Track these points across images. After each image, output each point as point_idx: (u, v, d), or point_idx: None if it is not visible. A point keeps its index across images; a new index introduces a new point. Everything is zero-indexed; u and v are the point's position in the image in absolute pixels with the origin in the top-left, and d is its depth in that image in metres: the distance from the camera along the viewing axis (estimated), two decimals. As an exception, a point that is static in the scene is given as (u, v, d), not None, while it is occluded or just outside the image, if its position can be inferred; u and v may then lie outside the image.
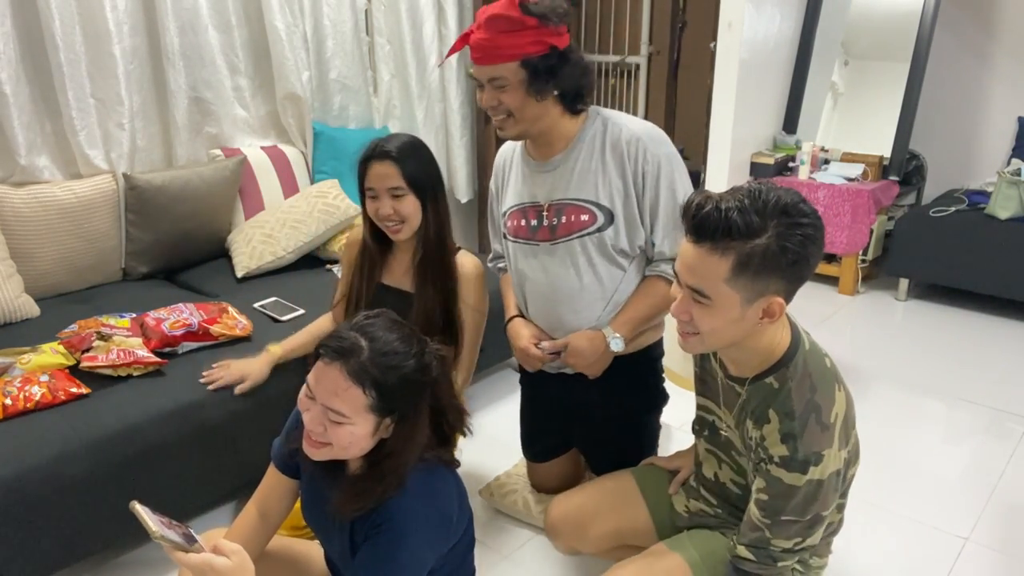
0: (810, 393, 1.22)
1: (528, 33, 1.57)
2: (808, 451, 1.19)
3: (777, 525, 1.24)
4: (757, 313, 1.18)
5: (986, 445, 2.53)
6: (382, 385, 1.20)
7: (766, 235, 1.11)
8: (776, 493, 1.22)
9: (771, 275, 1.14)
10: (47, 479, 1.65)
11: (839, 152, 4.00)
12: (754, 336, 1.23)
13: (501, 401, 2.76)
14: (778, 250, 1.12)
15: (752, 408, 1.28)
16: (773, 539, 1.25)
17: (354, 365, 1.19)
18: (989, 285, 3.49)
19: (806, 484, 1.20)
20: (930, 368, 3.07)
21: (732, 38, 3.56)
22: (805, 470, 1.19)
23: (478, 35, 1.59)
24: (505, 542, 2.06)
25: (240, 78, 3.05)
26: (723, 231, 1.11)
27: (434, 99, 3.66)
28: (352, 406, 1.20)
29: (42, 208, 2.42)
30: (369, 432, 1.23)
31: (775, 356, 1.26)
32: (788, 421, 1.21)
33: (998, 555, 2.00)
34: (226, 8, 2.94)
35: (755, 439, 1.28)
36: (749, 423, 1.30)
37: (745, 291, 1.15)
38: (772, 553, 1.27)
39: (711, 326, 1.19)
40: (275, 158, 3.09)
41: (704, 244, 1.14)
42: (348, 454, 1.26)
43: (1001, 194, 3.47)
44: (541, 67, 1.59)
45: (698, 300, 1.18)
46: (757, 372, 1.27)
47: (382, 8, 3.43)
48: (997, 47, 3.95)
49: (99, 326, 2.05)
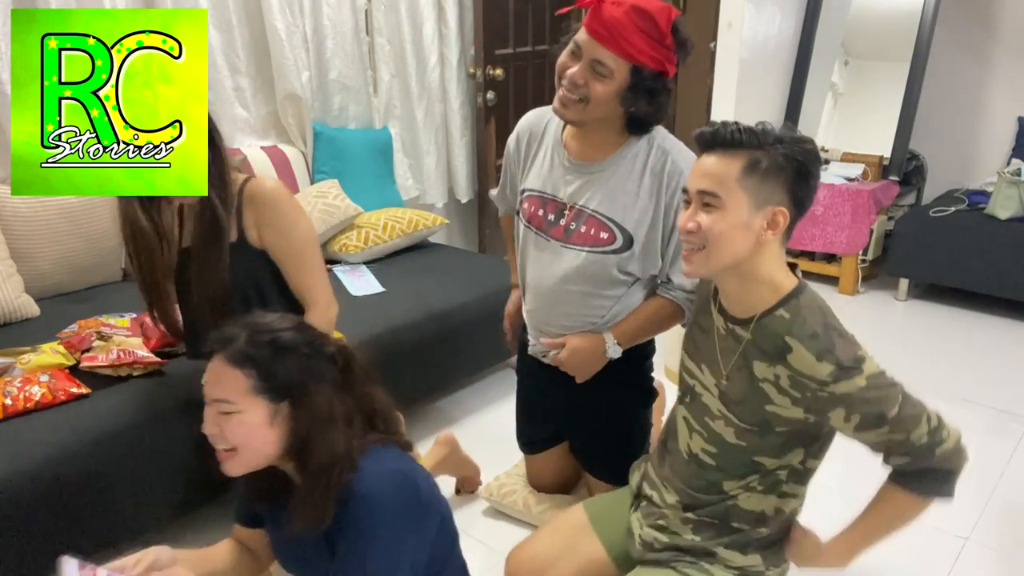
0: (823, 318, 1.25)
1: (660, 49, 1.51)
2: (848, 356, 1.20)
3: (898, 425, 1.21)
4: (762, 223, 1.23)
5: (986, 445, 2.53)
6: (260, 362, 1.19)
7: (773, 149, 1.23)
8: (862, 405, 1.21)
9: (777, 182, 1.23)
10: (47, 479, 1.65)
11: (839, 152, 4.00)
12: (755, 259, 1.26)
13: (501, 401, 2.76)
14: (783, 159, 1.22)
15: (761, 347, 1.27)
16: (911, 435, 1.22)
17: (232, 350, 1.19)
18: (989, 285, 3.50)
19: (869, 380, 1.20)
20: (930, 368, 3.07)
21: (732, 38, 3.56)
22: (859, 369, 1.20)
23: (615, 11, 1.49)
24: (505, 542, 2.06)
25: (240, 78, 3.05)
26: (735, 140, 1.23)
27: (434, 99, 3.65)
28: (235, 390, 1.18)
29: (42, 208, 2.42)
30: (264, 420, 1.20)
31: (782, 291, 1.28)
32: (814, 341, 1.21)
33: (998, 555, 2.00)
34: (226, 8, 2.94)
35: (772, 378, 1.26)
36: (760, 365, 1.28)
37: (753, 194, 1.22)
38: (925, 444, 1.23)
39: (720, 230, 1.22)
40: (275, 158, 3.09)
41: (716, 151, 1.24)
42: (259, 454, 1.22)
43: (1001, 194, 3.47)
44: (648, 84, 1.54)
45: (708, 204, 1.23)
46: (766, 308, 1.28)
47: (382, 8, 3.43)
48: (997, 47, 3.95)
49: (99, 326, 2.05)
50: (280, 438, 1.22)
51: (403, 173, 3.63)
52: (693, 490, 1.44)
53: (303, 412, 1.21)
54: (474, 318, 2.56)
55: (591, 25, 1.50)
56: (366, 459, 1.23)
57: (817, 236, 3.83)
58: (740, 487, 1.38)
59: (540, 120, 1.80)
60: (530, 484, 2.15)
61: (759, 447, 1.34)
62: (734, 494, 1.39)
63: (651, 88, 1.55)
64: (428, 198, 3.75)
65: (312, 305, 1.71)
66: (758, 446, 1.34)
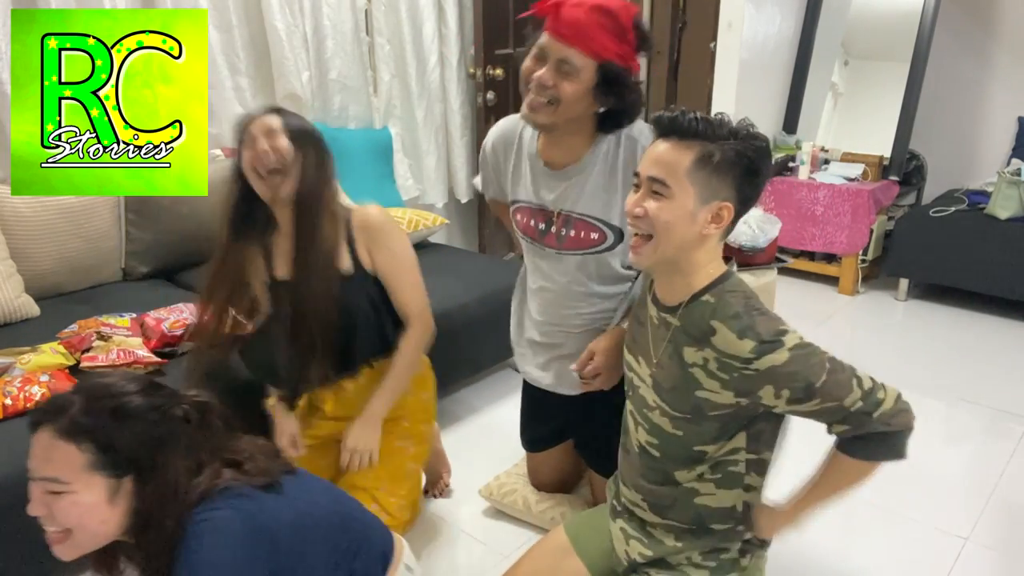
0: (745, 300, 1.27)
1: (623, 45, 1.52)
2: (769, 331, 1.22)
3: (827, 393, 1.22)
4: (707, 216, 1.26)
5: (986, 445, 2.53)
6: (97, 433, 1.04)
7: (726, 143, 1.24)
8: (788, 378, 1.21)
9: (726, 178, 1.25)
10: (47, 479, 1.65)
11: (839, 152, 4.00)
12: (695, 252, 1.28)
13: (501, 401, 2.76)
14: (735, 155, 1.24)
15: (689, 331, 1.29)
16: (844, 401, 1.22)
17: (63, 422, 1.05)
18: (989, 285, 3.49)
19: (792, 351, 1.21)
20: (930, 368, 3.07)
21: (732, 38, 3.57)
22: (780, 342, 1.21)
23: (576, 12, 1.49)
24: (505, 542, 2.06)
25: (240, 78, 3.05)
26: (691, 130, 1.24)
27: (434, 99, 3.65)
28: (67, 467, 1.04)
29: (42, 208, 2.42)
30: (102, 499, 1.06)
31: (710, 278, 1.31)
32: (736, 320, 1.23)
33: (998, 555, 2.00)
34: (226, 8, 2.94)
35: (700, 361, 1.27)
36: (688, 350, 1.29)
37: (702, 187, 1.24)
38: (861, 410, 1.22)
39: (666, 219, 1.24)
40: (275, 158, 3.09)
41: (672, 139, 1.25)
42: (97, 535, 1.09)
43: (1001, 194, 3.47)
44: (614, 80, 1.53)
45: (657, 192, 1.25)
46: (693, 293, 1.30)
47: (382, 8, 3.43)
48: (997, 47, 3.95)
49: (99, 326, 2.05)
50: (122, 516, 1.08)
51: (403, 173, 3.63)
52: (649, 483, 1.43)
53: (149, 487, 1.07)
54: (474, 318, 2.56)
55: (554, 27, 1.50)
56: (192, 532, 1.08)
57: (817, 236, 3.83)
58: (693, 477, 1.38)
59: (513, 129, 1.78)
60: (531, 482, 2.15)
61: (696, 435, 1.34)
62: (689, 486, 1.38)
63: (619, 85, 1.55)
64: (428, 198, 3.75)
65: (413, 317, 1.78)
66: (695, 434, 1.34)
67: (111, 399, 1.07)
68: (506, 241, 3.98)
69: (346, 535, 1.29)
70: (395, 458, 1.85)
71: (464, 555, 2.04)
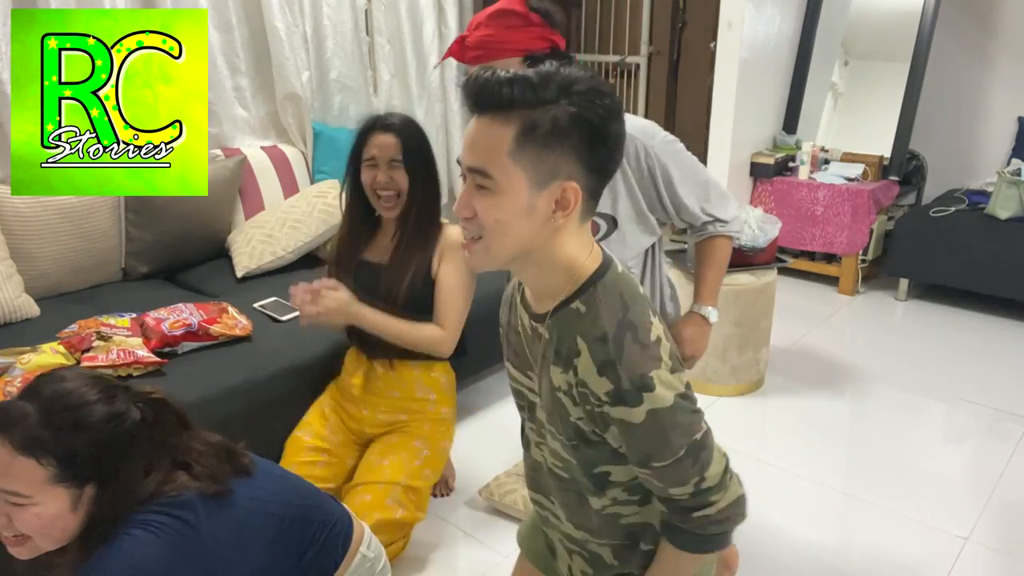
0: (622, 312, 1.02)
1: (533, 29, 1.57)
2: (633, 375, 0.98)
3: (659, 475, 1.03)
4: (549, 204, 0.98)
5: (986, 445, 2.53)
6: (61, 449, 1.02)
7: (556, 105, 0.95)
8: (631, 440, 1.02)
9: (562, 151, 0.96)
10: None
11: (839, 152, 4.00)
12: (550, 245, 1.02)
13: (501, 401, 2.76)
14: (569, 121, 0.95)
15: (557, 347, 1.05)
16: (669, 488, 1.04)
17: (20, 436, 1.01)
18: (989, 285, 3.49)
19: (648, 416, 0.98)
20: (930, 368, 3.07)
21: (732, 38, 3.56)
22: (639, 400, 0.98)
23: (478, 34, 1.58)
24: (505, 542, 2.06)
25: (240, 78, 3.05)
26: (506, 98, 0.95)
27: (434, 99, 3.66)
28: (29, 483, 1.01)
29: (42, 208, 2.42)
30: (65, 508, 1.04)
31: (581, 278, 1.04)
32: (601, 346, 0.99)
33: (998, 555, 2.00)
34: (226, 8, 2.94)
35: (564, 387, 1.05)
36: (555, 371, 1.05)
37: (532, 170, 0.96)
38: (683, 504, 1.06)
39: (496, 217, 0.97)
40: (275, 158, 3.09)
41: (485, 115, 0.97)
42: (57, 540, 1.08)
43: (1001, 194, 3.47)
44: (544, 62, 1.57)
45: (481, 186, 0.97)
46: (562, 297, 1.05)
47: (382, 8, 3.43)
48: (997, 47, 3.95)
49: (99, 326, 2.05)
50: (82, 520, 1.07)
51: (403, 173, 3.63)
52: (565, 504, 1.22)
53: (108, 492, 1.06)
54: (474, 318, 2.55)
55: (471, 55, 1.59)
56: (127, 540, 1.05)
57: (817, 236, 3.83)
58: (608, 503, 1.16)
59: None
60: (530, 484, 2.15)
61: (592, 457, 1.12)
62: (609, 512, 1.17)
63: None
64: (428, 198, 3.75)
65: (443, 329, 1.95)
66: (591, 457, 1.12)
67: (70, 411, 1.04)
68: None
69: (298, 534, 1.30)
70: (412, 455, 1.97)
71: (464, 555, 2.04)
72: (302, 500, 1.34)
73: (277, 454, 1.98)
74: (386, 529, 1.85)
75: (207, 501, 1.13)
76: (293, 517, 1.29)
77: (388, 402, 2.02)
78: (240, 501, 1.19)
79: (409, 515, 1.91)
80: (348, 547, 1.39)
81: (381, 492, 1.88)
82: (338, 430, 2.03)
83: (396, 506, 1.88)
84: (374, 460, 1.96)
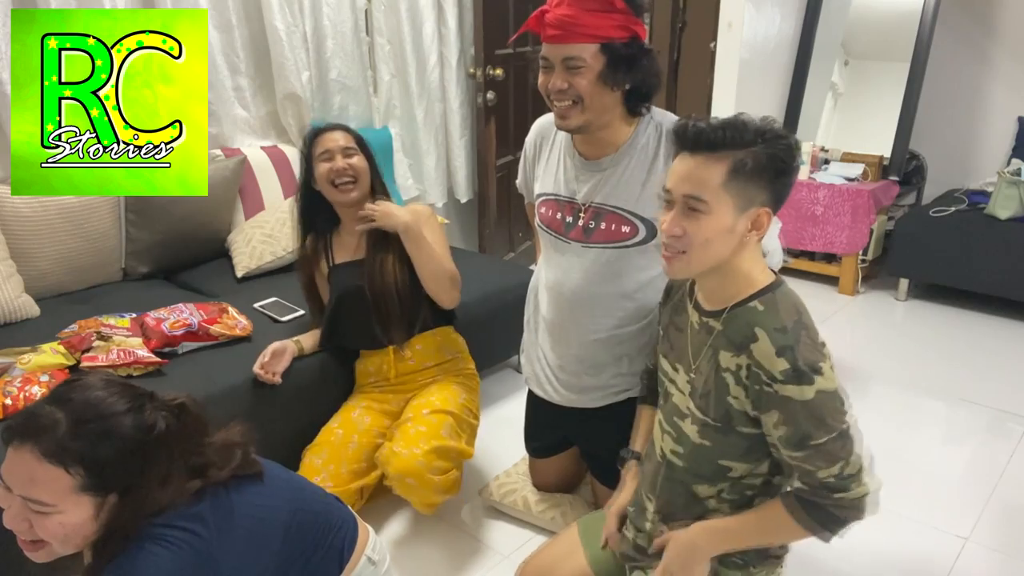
0: (797, 315, 1.24)
1: (616, 16, 1.51)
2: (808, 360, 1.18)
3: (813, 454, 1.20)
4: (747, 224, 1.24)
5: (986, 445, 2.53)
6: (90, 459, 1.02)
7: (755, 146, 1.22)
8: (794, 419, 1.19)
9: (760, 183, 1.22)
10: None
11: (839, 152, 4.00)
12: (737, 257, 1.26)
13: (501, 401, 2.76)
14: (767, 159, 1.21)
15: (730, 336, 1.27)
16: (819, 470, 1.21)
17: (49, 444, 1.01)
18: (989, 285, 3.50)
19: (817, 396, 1.18)
20: (930, 368, 3.07)
21: (732, 38, 3.57)
22: (811, 380, 1.18)
23: (559, 11, 1.51)
24: (505, 542, 2.06)
25: (240, 78, 3.05)
26: (719, 141, 1.21)
27: (434, 99, 3.65)
28: (55, 492, 1.01)
29: (42, 208, 2.42)
30: (88, 517, 1.05)
31: (758, 284, 1.28)
32: (780, 335, 1.20)
33: (998, 555, 2.00)
34: (226, 8, 2.94)
35: (733, 367, 1.26)
36: (725, 355, 1.27)
37: (738, 197, 1.22)
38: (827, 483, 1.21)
39: (704, 236, 1.22)
40: (275, 158, 3.09)
41: (700, 154, 1.23)
42: (77, 546, 1.08)
43: (1001, 194, 3.47)
44: (622, 55, 1.52)
45: (693, 209, 1.22)
46: (739, 299, 1.28)
47: (382, 8, 3.43)
48: (997, 47, 3.95)
49: (99, 326, 2.05)
50: (102, 527, 1.07)
51: (403, 173, 3.63)
52: (666, 495, 1.42)
53: (131, 501, 1.07)
54: (474, 318, 2.56)
55: (548, 33, 1.54)
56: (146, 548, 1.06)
57: (817, 236, 3.83)
58: (713, 494, 1.36)
59: (550, 123, 1.79)
60: (534, 484, 2.15)
61: (723, 448, 1.32)
62: (709, 505, 1.37)
63: (630, 56, 1.54)
64: (428, 198, 3.75)
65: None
66: (722, 446, 1.32)
67: (100, 421, 1.04)
68: (506, 241, 3.98)
69: (304, 539, 1.31)
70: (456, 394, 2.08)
71: (464, 555, 2.03)
72: (309, 505, 1.35)
73: (277, 455, 1.98)
74: (443, 455, 1.90)
75: (218, 511, 1.14)
76: (300, 523, 1.30)
77: (424, 373, 2.12)
78: (250, 510, 1.20)
79: (462, 446, 1.97)
80: (353, 550, 1.39)
81: (436, 423, 1.93)
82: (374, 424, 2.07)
83: (450, 436, 1.94)
84: (421, 398, 2.04)
